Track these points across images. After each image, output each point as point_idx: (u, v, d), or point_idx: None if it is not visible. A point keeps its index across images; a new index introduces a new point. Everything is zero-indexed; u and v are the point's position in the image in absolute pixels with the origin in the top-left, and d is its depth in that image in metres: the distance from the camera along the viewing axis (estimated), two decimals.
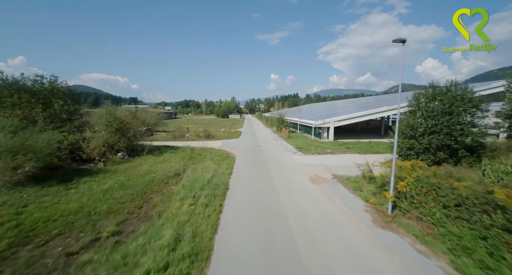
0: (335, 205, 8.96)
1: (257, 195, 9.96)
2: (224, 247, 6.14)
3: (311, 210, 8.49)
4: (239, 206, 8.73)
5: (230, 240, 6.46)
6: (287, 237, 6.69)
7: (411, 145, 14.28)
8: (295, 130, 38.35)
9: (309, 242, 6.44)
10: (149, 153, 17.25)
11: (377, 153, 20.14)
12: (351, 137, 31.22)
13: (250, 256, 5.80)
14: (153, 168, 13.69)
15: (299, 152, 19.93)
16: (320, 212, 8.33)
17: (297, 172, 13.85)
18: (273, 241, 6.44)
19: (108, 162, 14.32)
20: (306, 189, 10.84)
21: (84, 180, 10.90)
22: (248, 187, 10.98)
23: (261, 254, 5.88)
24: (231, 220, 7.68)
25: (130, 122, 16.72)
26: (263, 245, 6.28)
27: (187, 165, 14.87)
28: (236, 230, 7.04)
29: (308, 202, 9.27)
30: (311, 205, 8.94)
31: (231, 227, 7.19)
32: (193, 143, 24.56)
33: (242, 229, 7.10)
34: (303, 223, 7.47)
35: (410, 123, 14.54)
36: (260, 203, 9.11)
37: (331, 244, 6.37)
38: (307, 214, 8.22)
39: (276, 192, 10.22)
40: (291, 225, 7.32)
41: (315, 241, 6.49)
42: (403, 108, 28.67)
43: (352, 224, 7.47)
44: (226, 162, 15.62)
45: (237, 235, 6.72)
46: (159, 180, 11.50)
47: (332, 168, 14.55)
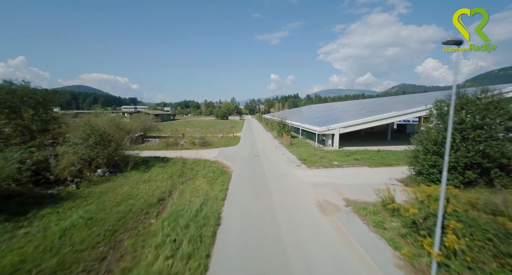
0: (354, 253, 6.98)
1: (255, 236, 7.96)
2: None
3: (323, 263, 6.52)
4: (232, 257, 6.75)
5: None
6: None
7: (434, 162, 12.30)
8: (296, 135, 36.39)
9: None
10: (134, 168, 15.27)
11: (389, 166, 18.16)
12: (356, 143, 29.27)
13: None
14: (135, 191, 11.71)
15: (303, 165, 17.95)
16: (335, 266, 6.37)
17: (302, 195, 11.87)
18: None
19: (83, 182, 12.33)
20: (315, 223, 8.86)
21: (44, 212, 8.91)
22: (244, 221, 8.99)
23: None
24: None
25: (112, 133, 14.74)
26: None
27: (176, 184, 12.90)
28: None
29: (318, 246, 7.29)
30: (322, 252, 6.96)
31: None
32: (187, 152, 22.60)
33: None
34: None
35: (433, 137, 12.56)
36: (258, 249, 7.13)
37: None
38: (317, 268, 6.26)
39: (279, 231, 8.23)
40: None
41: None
42: (419, 112, 26.91)
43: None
44: (221, 180, 13.65)
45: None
46: (137, 210, 9.53)
47: (343, 189, 12.58)
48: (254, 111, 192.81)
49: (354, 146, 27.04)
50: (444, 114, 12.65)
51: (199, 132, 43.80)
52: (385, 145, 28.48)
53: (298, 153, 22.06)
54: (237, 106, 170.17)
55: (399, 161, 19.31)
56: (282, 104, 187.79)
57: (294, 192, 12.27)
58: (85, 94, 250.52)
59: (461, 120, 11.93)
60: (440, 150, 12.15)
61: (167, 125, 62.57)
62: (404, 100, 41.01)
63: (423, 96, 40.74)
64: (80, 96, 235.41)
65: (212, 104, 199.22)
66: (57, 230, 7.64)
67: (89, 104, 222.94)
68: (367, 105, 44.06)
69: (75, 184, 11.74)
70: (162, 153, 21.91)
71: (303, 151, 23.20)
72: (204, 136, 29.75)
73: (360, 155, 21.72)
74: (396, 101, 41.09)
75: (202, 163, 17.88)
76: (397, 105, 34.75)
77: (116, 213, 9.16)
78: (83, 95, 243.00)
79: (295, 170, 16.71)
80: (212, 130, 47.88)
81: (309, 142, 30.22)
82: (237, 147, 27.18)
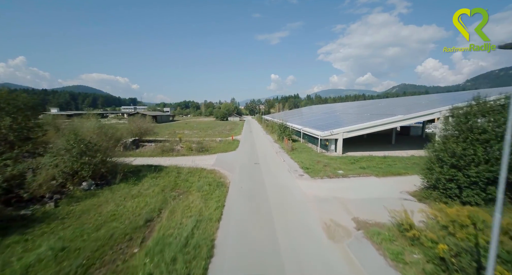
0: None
1: (253, 269, 6.79)
2: None
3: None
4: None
5: None
6: None
7: (452, 176, 11.11)
8: (298, 139, 35.21)
9: None
10: (123, 180, 14.08)
11: (397, 175, 16.99)
12: (360, 147, 28.10)
13: None
14: (120, 209, 10.52)
15: (306, 174, 16.76)
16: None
17: (306, 213, 10.67)
18: None
19: (64, 198, 11.13)
20: (323, 253, 7.66)
21: (9, 241, 7.72)
22: (241, 251, 7.78)
23: None
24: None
25: (99, 142, 13.57)
26: None
27: (167, 200, 11.72)
28: None
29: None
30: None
31: None
32: (183, 159, 21.43)
33: None
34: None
35: (450, 148, 11.35)
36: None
37: None
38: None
39: (281, 264, 7.03)
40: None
41: None
42: (426, 116, 25.71)
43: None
44: (217, 195, 12.46)
45: None
46: (120, 235, 8.36)
47: (351, 205, 11.40)
48: (254, 112, 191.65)
49: (358, 151, 25.87)
50: (464, 123, 11.45)
51: (197, 135, 42.68)
52: (390, 150, 27.32)
53: (300, 160, 20.87)
54: (237, 107, 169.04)
55: (408, 170, 18.18)
56: (282, 105, 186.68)
57: (298, 209, 11.07)
58: (84, 95, 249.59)
59: (483, 130, 10.74)
60: (459, 162, 10.96)
61: (165, 127, 61.40)
62: (408, 102, 39.81)
63: (428, 98, 39.57)
64: (79, 97, 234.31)
65: (212, 104, 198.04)
66: (19, 267, 6.46)
67: (88, 105, 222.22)
68: (370, 108, 42.86)
69: (54, 201, 10.55)
70: (157, 160, 20.72)
71: (305, 158, 22.01)
72: (201, 141, 28.57)
73: (366, 162, 20.52)
74: (400, 103, 39.89)
75: (198, 172, 16.68)
76: (402, 108, 33.56)
77: (95, 240, 7.98)
78: (82, 96, 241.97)
79: (298, 180, 15.52)
80: (211, 133, 46.71)
81: (311, 146, 29.04)
82: (236, 152, 25.99)
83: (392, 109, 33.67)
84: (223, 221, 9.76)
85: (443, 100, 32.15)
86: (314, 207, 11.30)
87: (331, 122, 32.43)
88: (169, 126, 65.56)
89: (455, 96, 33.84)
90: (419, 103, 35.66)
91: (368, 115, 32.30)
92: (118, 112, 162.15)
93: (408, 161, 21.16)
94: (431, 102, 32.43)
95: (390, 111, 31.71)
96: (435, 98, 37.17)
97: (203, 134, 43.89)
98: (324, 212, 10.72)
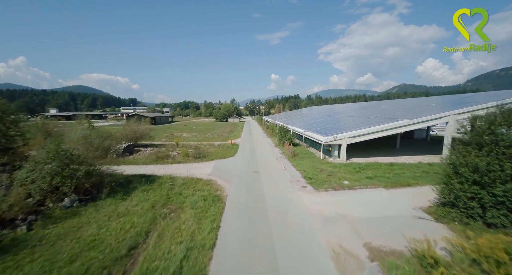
0: None
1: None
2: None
3: None
4: None
5: None
6: None
7: (475, 194, 9.93)
8: (299, 142, 34.05)
9: None
10: (111, 194, 12.91)
11: (407, 186, 15.80)
12: (363, 152, 27.00)
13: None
14: (102, 232, 9.34)
15: (309, 186, 15.59)
16: None
17: (312, 237, 9.47)
18: None
19: (40, 219, 9.94)
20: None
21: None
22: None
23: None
24: None
25: (83, 154, 12.40)
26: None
27: (156, 219, 10.56)
28: None
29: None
30: None
31: None
32: (178, 167, 20.27)
33: None
34: None
35: (472, 163, 10.16)
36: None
37: None
38: None
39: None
40: None
41: None
42: (434, 120, 24.52)
43: None
44: (212, 212, 11.29)
45: None
46: (97, 269, 7.18)
47: (361, 226, 10.23)
48: (254, 112, 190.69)
49: (362, 156, 24.74)
50: (487, 134, 10.26)
51: (195, 138, 41.53)
52: (395, 154, 26.21)
53: (302, 168, 19.69)
54: (237, 108, 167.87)
55: (418, 179, 16.98)
56: (282, 105, 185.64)
57: (302, 232, 9.88)
58: (84, 95, 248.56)
59: (511, 143, 9.55)
60: (482, 179, 9.78)
61: (164, 129, 60.23)
62: (413, 104, 38.58)
63: (433, 100, 38.34)
64: (78, 97, 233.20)
65: (212, 105, 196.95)
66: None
67: (87, 106, 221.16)
68: (373, 110, 41.64)
69: (28, 224, 9.38)
70: (150, 168, 19.54)
71: (307, 165, 20.84)
72: (199, 146, 27.40)
73: (372, 170, 19.35)
74: (405, 105, 38.62)
75: (193, 184, 15.50)
76: (406, 111, 32.36)
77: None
78: (81, 96, 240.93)
79: (301, 193, 14.34)
80: (210, 136, 45.54)
81: (313, 151, 27.88)
82: (234, 158, 24.82)
83: (396, 113, 32.48)
84: (217, 248, 8.57)
85: (450, 103, 30.97)
86: (319, 228, 10.12)
87: (334, 126, 31.25)
88: (167, 128, 64.37)
89: (462, 99, 32.65)
90: (424, 105, 34.48)
91: (372, 119, 31.11)
92: (118, 113, 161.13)
93: (417, 169, 19.98)
94: (438, 106, 31.22)
95: (394, 115, 30.52)
96: (441, 101, 35.94)
97: (201, 137, 42.73)
98: (332, 235, 9.55)
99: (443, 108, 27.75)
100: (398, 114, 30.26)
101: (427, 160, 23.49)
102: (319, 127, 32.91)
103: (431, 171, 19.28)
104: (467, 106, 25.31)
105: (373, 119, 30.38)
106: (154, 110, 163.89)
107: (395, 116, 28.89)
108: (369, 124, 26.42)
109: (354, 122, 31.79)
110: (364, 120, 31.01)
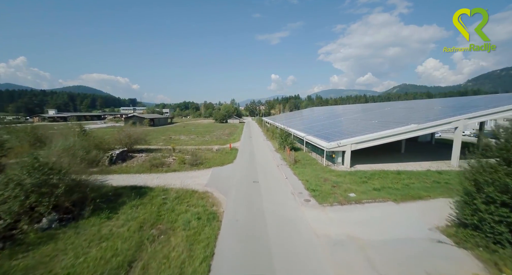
0: None
1: None
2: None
3: None
4: None
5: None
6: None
7: (504, 217, 8.76)
8: (300, 146, 32.88)
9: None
10: (95, 212, 11.72)
11: (418, 199, 14.62)
12: (367, 157, 25.83)
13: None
14: (79, 264, 8.13)
15: (313, 199, 14.41)
16: None
17: (319, 269, 8.26)
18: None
19: (9, 246, 8.77)
20: None
21: None
22: None
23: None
24: None
25: (65, 168, 11.21)
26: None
27: (143, 244, 9.38)
28: None
29: None
30: None
31: None
32: (173, 176, 19.11)
33: None
34: None
35: (500, 182, 8.97)
36: None
37: None
38: None
39: None
40: None
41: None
42: (444, 125, 23.32)
43: None
44: (206, 235, 10.08)
45: None
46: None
47: (373, 252, 9.05)
48: (254, 113, 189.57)
49: (366, 163, 23.59)
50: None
51: (193, 141, 40.39)
52: (400, 160, 25.06)
53: (304, 178, 18.51)
54: (237, 109, 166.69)
55: (429, 191, 15.79)
56: (283, 106, 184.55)
57: (307, 261, 8.68)
58: (83, 95, 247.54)
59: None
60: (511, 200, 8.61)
61: (162, 131, 59.05)
62: (419, 106, 37.39)
63: (441, 103, 37.11)
64: (78, 98, 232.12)
65: (211, 105, 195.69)
66: None
67: (87, 106, 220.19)
68: (376, 113, 40.43)
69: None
70: (143, 178, 18.37)
71: (310, 174, 19.66)
72: (196, 152, 26.21)
73: (379, 180, 18.19)
74: (410, 108, 37.42)
75: (188, 198, 14.31)
76: (412, 114, 31.19)
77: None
78: (81, 97, 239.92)
79: (304, 209, 13.15)
80: (209, 139, 44.35)
81: (315, 156, 26.71)
82: (233, 165, 23.64)
83: (401, 116, 31.29)
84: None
85: (458, 106, 29.73)
86: (326, 255, 8.94)
87: (336, 130, 30.05)
88: (166, 130, 63.15)
89: (470, 102, 31.42)
90: (431, 108, 33.30)
91: (376, 123, 29.93)
92: (117, 114, 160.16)
93: (426, 178, 18.82)
94: (447, 109, 30.00)
95: (399, 119, 29.36)
96: (446, 104, 34.75)
97: (199, 140, 41.57)
98: (341, 265, 8.36)
99: (451, 112, 26.54)
100: (403, 118, 29.09)
101: (435, 167, 22.33)
102: (321, 131, 31.72)
103: (441, 180, 18.16)
104: (477, 110, 24.14)
105: (377, 124, 29.19)
106: (153, 111, 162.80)
107: (401, 120, 27.71)
108: (374, 129, 25.24)
109: (357, 126, 30.60)
110: (368, 125, 29.82)
